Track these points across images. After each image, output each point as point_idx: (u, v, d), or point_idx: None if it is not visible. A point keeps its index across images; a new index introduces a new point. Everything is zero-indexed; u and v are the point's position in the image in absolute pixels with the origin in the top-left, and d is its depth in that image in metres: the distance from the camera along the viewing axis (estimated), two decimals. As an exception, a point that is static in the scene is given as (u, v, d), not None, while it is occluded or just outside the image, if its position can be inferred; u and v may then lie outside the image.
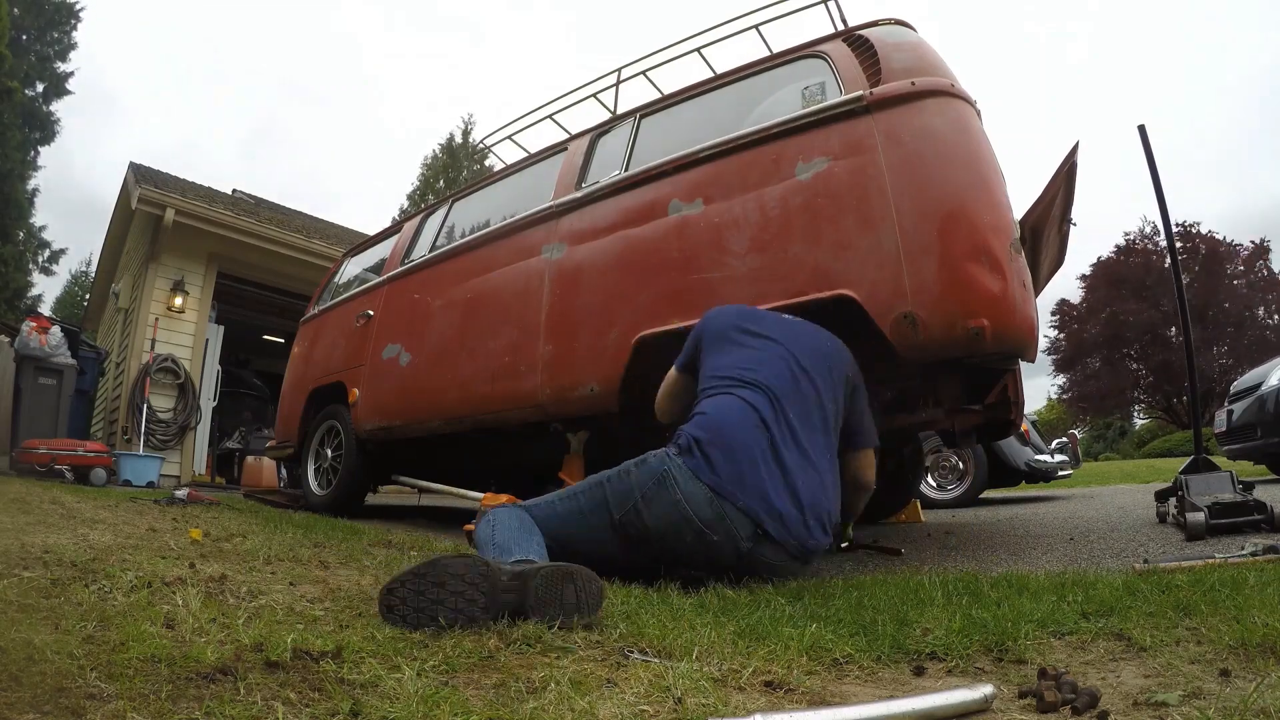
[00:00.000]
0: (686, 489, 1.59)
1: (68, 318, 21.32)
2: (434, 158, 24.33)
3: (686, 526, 1.58)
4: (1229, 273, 23.61)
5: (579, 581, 1.17)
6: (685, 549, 1.61)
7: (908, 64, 2.30)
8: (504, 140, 3.97)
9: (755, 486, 1.59)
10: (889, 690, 0.86)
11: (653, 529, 1.60)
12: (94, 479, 5.72)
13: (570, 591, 1.15)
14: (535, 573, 1.14)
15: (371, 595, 1.39)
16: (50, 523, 2.33)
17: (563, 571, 1.16)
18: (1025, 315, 1.98)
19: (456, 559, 1.13)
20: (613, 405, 2.60)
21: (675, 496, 1.58)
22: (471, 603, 1.09)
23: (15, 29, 14.15)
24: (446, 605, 1.08)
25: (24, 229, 15.55)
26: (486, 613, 1.09)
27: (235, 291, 8.45)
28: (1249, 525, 2.10)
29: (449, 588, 1.09)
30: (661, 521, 1.59)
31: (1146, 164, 2.65)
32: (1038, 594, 1.28)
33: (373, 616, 1.17)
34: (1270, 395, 5.10)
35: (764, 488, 1.60)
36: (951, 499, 4.80)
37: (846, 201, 2.18)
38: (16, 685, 0.72)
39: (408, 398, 3.45)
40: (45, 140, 15.73)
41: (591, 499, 1.66)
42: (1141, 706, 0.75)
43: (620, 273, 2.68)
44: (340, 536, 2.43)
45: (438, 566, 1.11)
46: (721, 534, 1.58)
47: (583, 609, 1.15)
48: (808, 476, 1.66)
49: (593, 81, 3.53)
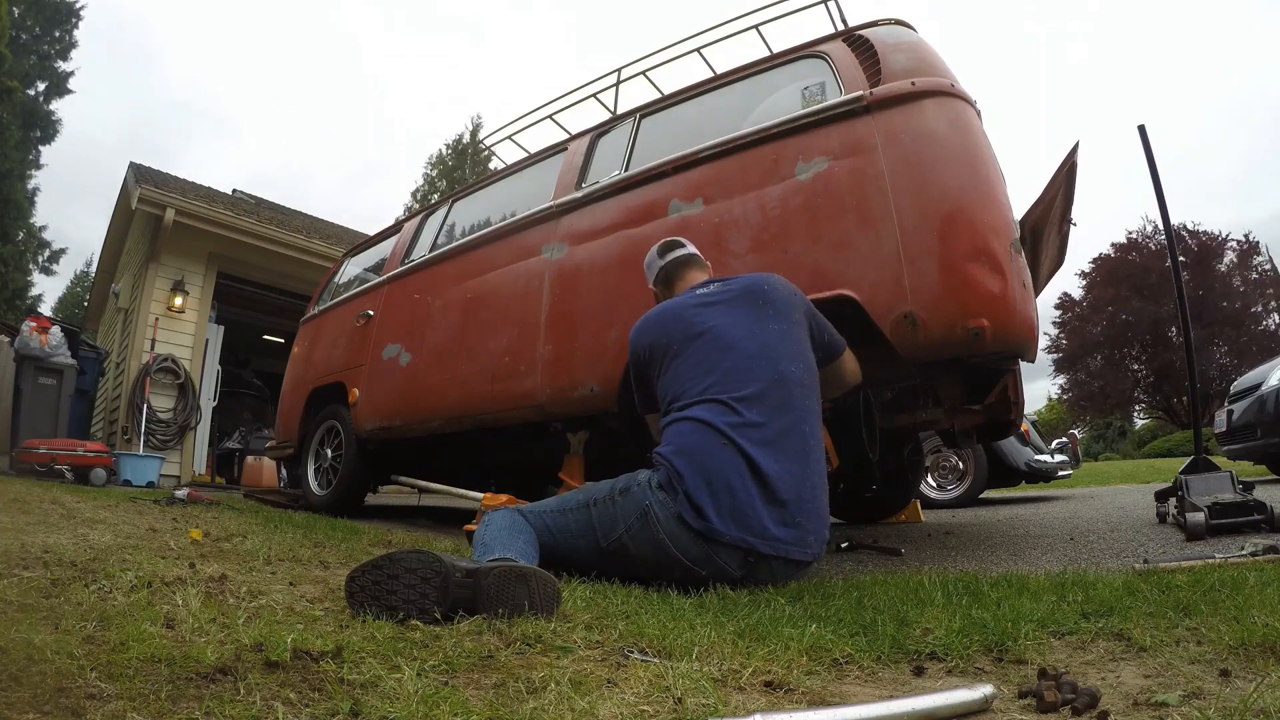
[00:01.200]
0: (669, 530, 1.55)
1: (68, 318, 21.34)
2: (440, 157, 24.33)
3: (674, 563, 1.56)
4: (1222, 271, 23.57)
5: (533, 582, 1.19)
6: (676, 579, 1.57)
7: (908, 64, 2.30)
8: (504, 140, 3.98)
9: (738, 514, 1.53)
10: (889, 690, 0.86)
11: (639, 558, 1.59)
12: (94, 479, 5.72)
13: (523, 591, 1.17)
14: (488, 571, 1.17)
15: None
16: (50, 523, 2.33)
17: (517, 572, 1.19)
18: (1025, 315, 1.98)
19: (411, 554, 1.18)
20: (613, 405, 2.60)
21: (659, 535, 1.55)
22: (424, 596, 1.14)
23: (15, 29, 14.15)
24: (400, 596, 1.14)
25: (24, 229, 15.56)
26: (439, 606, 1.13)
27: (235, 291, 8.45)
28: (1249, 525, 2.10)
29: (402, 580, 1.15)
30: (647, 554, 1.57)
31: (1146, 164, 2.65)
32: (1038, 594, 1.27)
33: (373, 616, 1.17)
34: (1270, 395, 5.11)
35: (747, 512, 1.54)
36: (951, 499, 4.80)
37: (846, 201, 2.18)
38: (16, 685, 0.72)
39: (408, 398, 3.45)
40: (45, 140, 15.73)
41: (579, 521, 1.64)
42: (1141, 706, 0.75)
43: (620, 273, 2.68)
44: (340, 536, 2.43)
45: (393, 560, 1.17)
46: (710, 569, 1.55)
47: (536, 608, 1.17)
48: (788, 475, 1.59)
49: (593, 81, 3.54)
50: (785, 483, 1.59)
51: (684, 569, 1.56)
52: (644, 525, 1.57)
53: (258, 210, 9.32)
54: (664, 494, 1.57)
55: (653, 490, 1.59)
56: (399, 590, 1.15)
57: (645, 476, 1.63)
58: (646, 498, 1.58)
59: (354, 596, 1.17)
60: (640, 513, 1.57)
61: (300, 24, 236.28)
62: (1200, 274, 22.96)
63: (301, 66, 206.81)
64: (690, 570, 1.55)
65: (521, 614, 1.14)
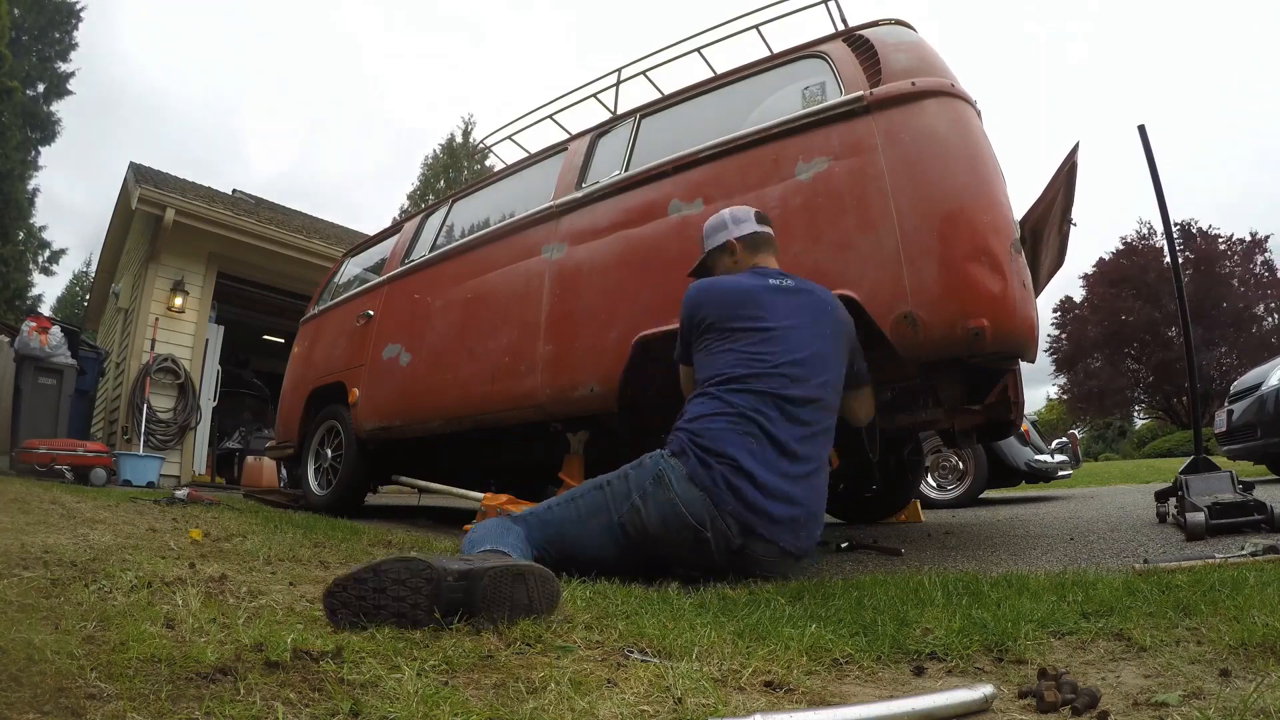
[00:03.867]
0: (681, 491, 1.64)
1: (68, 318, 21.34)
2: (434, 158, 24.35)
3: (683, 525, 1.63)
4: (1225, 271, 23.58)
5: (531, 581, 1.15)
6: (684, 547, 1.65)
7: (908, 64, 2.30)
8: (504, 140, 3.97)
9: (743, 492, 1.63)
10: (889, 690, 0.86)
11: (651, 527, 1.64)
12: (94, 479, 5.72)
13: (522, 591, 1.13)
14: (483, 573, 1.11)
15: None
16: (50, 523, 2.33)
17: (513, 571, 1.14)
18: (1025, 315, 1.98)
19: (398, 562, 1.11)
20: (613, 405, 2.60)
21: (671, 496, 1.63)
22: (415, 606, 1.08)
23: (15, 29, 14.15)
24: (388, 610, 1.08)
25: (24, 229, 15.55)
26: (430, 614, 1.08)
27: (235, 291, 8.45)
28: (1249, 525, 2.10)
29: (390, 593, 1.08)
30: (659, 519, 1.63)
31: (1146, 164, 2.65)
32: (1038, 594, 1.27)
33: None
34: (1270, 395, 5.11)
35: (751, 493, 1.63)
36: (951, 499, 4.80)
37: (846, 202, 2.18)
38: (16, 685, 0.71)
39: (408, 398, 3.45)
40: (45, 140, 15.73)
41: (591, 503, 1.70)
42: (1141, 706, 0.75)
43: (620, 273, 2.68)
44: (340, 536, 2.43)
45: (379, 572, 1.10)
46: (715, 532, 1.63)
47: (535, 608, 1.13)
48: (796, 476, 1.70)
49: (593, 81, 3.53)
50: (793, 488, 1.68)
51: (691, 533, 1.62)
52: (658, 487, 1.65)
53: (258, 210, 9.32)
54: (676, 459, 1.67)
55: (666, 458, 1.69)
56: (386, 604, 1.08)
57: (658, 452, 1.72)
58: (660, 464, 1.68)
59: (335, 613, 1.08)
60: (655, 476, 1.66)
61: (301, 24, 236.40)
62: (1202, 274, 22.96)
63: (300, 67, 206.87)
64: (697, 532, 1.62)
65: (521, 614, 1.11)
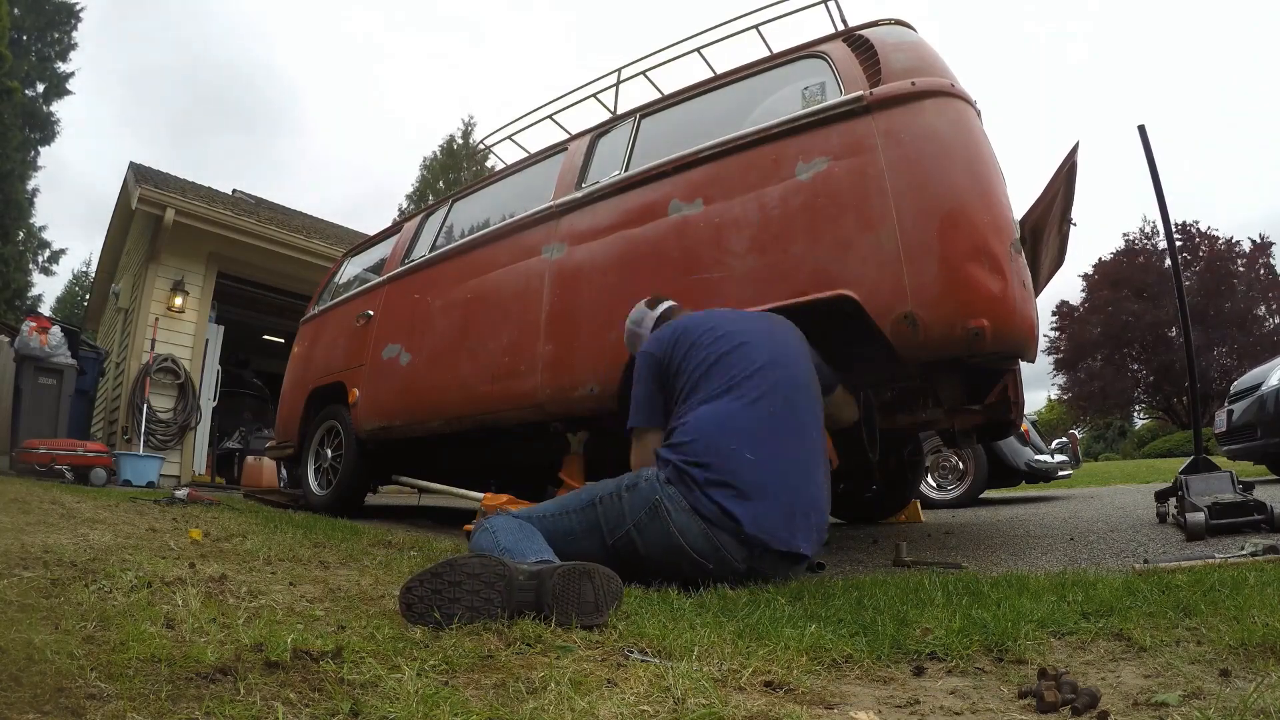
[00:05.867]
0: (679, 521, 1.56)
1: (68, 318, 21.34)
2: (434, 158, 24.37)
3: (681, 556, 1.57)
4: (1230, 271, 23.57)
5: (597, 579, 1.18)
6: (681, 573, 1.58)
7: (908, 64, 2.30)
8: (504, 140, 3.97)
9: (746, 507, 1.55)
10: (889, 690, 0.86)
11: (646, 555, 1.59)
12: (94, 479, 5.72)
13: (589, 589, 1.16)
14: (551, 572, 1.15)
15: (372, 595, 1.39)
16: (50, 523, 2.33)
17: (580, 570, 1.18)
18: (1025, 315, 1.98)
19: (473, 559, 1.15)
20: (613, 405, 2.60)
21: (669, 528, 1.56)
22: (489, 601, 1.11)
23: (15, 29, 14.15)
24: (463, 604, 1.11)
25: (24, 229, 15.56)
26: (504, 611, 1.11)
27: (235, 291, 8.45)
28: (1249, 525, 2.10)
29: (465, 587, 1.12)
30: (656, 549, 1.58)
31: (1146, 164, 2.65)
32: (1038, 594, 1.27)
33: (373, 616, 1.17)
34: (1270, 395, 5.10)
35: (755, 507, 1.56)
36: (951, 499, 4.80)
37: (846, 201, 2.18)
38: (16, 685, 0.72)
39: (408, 398, 3.45)
40: (45, 140, 15.74)
41: (584, 520, 1.64)
42: (1141, 706, 0.75)
43: (620, 273, 2.68)
44: (340, 536, 2.43)
45: (455, 567, 1.13)
46: (716, 562, 1.56)
47: (601, 606, 1.16)
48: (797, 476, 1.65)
49: (593, 81, 3.53)
50: (795, 489, 1.64)
51: (691, 562, 1.56)
52: (653, 519, 1.57)
53: (257, 210, 9.32)
54: (674, 488, 1.58)
55: (662, 485, 1.59)
56: (462, 598, 1.11)
57: (652, 473, 1.64)
58: (656, 492, 1.59)
59: (411, 608, 1.12)
60: (650, 507, 1.58)
61: (301, 25, 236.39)
62: (1203, 275, 22.96)
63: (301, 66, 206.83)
64: (697, 563, 1.56)
65: (588, 612, 1.14)
